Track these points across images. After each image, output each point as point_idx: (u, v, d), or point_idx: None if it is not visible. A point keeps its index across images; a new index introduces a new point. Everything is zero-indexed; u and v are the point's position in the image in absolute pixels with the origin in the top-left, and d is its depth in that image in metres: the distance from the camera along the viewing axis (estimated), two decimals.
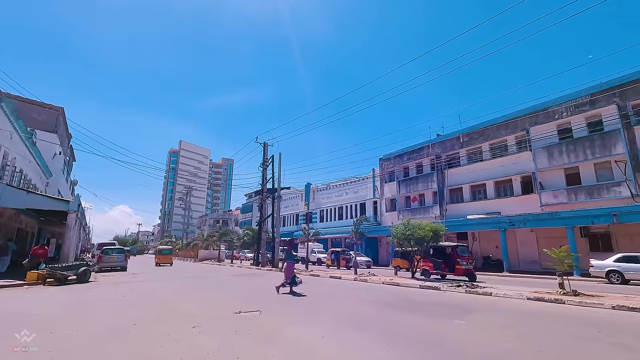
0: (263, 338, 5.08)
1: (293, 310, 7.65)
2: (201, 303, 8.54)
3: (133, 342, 4.75)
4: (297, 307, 8.11)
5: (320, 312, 7.32)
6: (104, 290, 10.89)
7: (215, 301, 8.90)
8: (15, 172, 18.91)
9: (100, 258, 20.22)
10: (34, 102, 29.17)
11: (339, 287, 12.09)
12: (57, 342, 4.67)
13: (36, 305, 7.93)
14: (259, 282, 14.50)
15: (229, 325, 5.86)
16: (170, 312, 7.08)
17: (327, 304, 8.45)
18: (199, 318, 6.48)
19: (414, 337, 5.14)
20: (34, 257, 13.43)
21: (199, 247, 39.81)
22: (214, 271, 21.17)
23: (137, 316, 6.57)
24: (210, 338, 5.02)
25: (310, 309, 7.83)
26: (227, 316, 6.70)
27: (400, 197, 33.15)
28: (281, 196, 24.71)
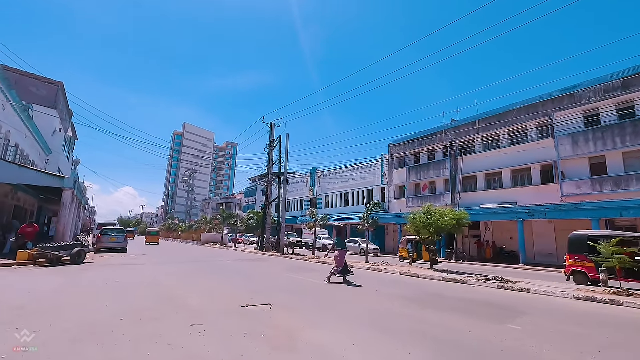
0: (279, 344, 4.00)
1: (306, 304, 6.59)
2: (203, 292, 7.50)
3: (113, 347, 3.68)
4: (309, 300, 7.05)
5: (339, 309, 6.24)
6: (97, 273, 9.91)
7: (218, 290, 7.86)
8: (9, 146, 17.84)
9: (100, 238, 19.36)
10: (32, 75, 27.85)
11: (353, 277, 11.03)
12: (12, 345, 3.64)
13: (10, 290, 6.92)
14: (264, 268, 13.52)
15: (235, 324, 4.80)
16: (167, 304, 6.03)
17: (345, 298, 7.38)
18: (199, 312, 5.42)
19: (470, 348, 4.04)
20: (22, 236, 12.46)
21: (202, 229, 39.06)
22: (217, 255, 20.27)
23: (127, 308, 5.52)
24: (213, 342, 3.95)
25: (326, 303, 6.76)
26: (233, 311, 5.64)
27: (410, 184, 31.90)
28: (288, 179, 23.53)
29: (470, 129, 27.93)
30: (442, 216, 12.32)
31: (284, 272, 12.04)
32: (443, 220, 12.14)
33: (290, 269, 13.40)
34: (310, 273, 11.97)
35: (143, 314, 5.18)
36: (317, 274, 11.89)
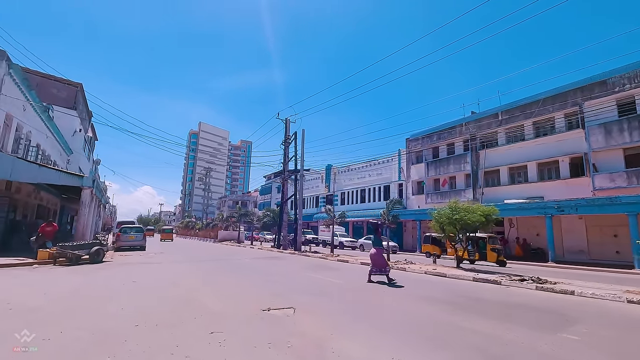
0: (307, 357, 3.55)
1: (331, 308, 6.11)
2: (221, 294, 7.14)
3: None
4: (334, 303, 6.57)
5: (368, 313, 5.74)
6: (114, 273, 9.73)
7: (237, 292, 7.49)
8: (30, 146, 18.07)
9: (119, 237, 19.46)
10: (52, 77, 28.35)
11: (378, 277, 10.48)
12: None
13: (26, 291, 6.72)
14: (283, 267, 13.14)
15: (258, 331, 4.37)
16: (185, 307, 5.67)
17: (372, 300, 6.87)
18: (219, 317, 5.03)
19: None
20: (42, 235, 12.47)
21: (218, 227, 39.24)
22: (234, 253, 20.09)
23: (143, 313, 5.18)
24: (235, 354, 3.52)
25: (353, 306, 6.26)
26: (254, 316, 5.22)
27: (428, 179, 30.95)
28: (304, 176, 23.11)
29: (492, 121, 26.77)
30: (469, 212, 11.58)
31: (303, 271, 11.61)
32: (470, 216, 11.40)
33: (309, 267, 12.97)
34: (331, 272, 11.50)
35: (159, 319, 4.81)
36: (337, 272, 11.41)
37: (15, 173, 13.77)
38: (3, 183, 15.49)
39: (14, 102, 15.06)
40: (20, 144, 16.95)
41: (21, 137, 16.93)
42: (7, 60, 13.92)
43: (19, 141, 16.84)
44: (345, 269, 12.62)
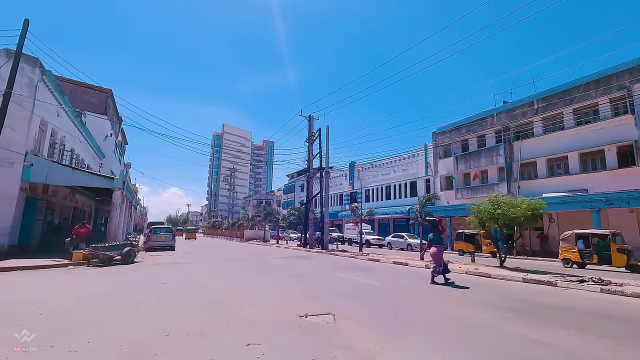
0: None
1: (374, 314, 5.53)
2: (253, 297, 6.71)
3: None
4: (376, 308, 5.98)
5: (418, 321, 5.11)
6: (145, 274, 9.60)
7: (269, 294, 7.05)
8: (64, 150, 18.60)
9: (149, 237, 19.74)
10: (84, 84, 29.36)
11: (415, 278, 9.80)
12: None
13: (58, 293, 6.57)
14: (312, 267, 12.66)
15: (298, 343, 3.87)
16: (217, 313, 5.28)
17: (419, 305, 6.23)
18: (253, 325, 4.57)
19: None
20: (76, 237, 12.64)
21: (244, 227, 39.50)
22: (261, 252, 19.88)
23: (174, 319, 4.81)
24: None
25: (399, 312, 5.64)
26: (292, 323, 4.73)
27: (458, 174, 29.58)
28: (329, 172, 22.59)
29: (527, 109, 25.09)
30: (513, 206, 10.60)
31: (335, 271, 11.08)
32: (515, 210, 10.43)
33: (339, 267, 12.42)
34: (363, 272, 10.89)
35: (191, 327, 4.41)
36: (370, 273, 10.79)
37: (50, 176, 14.12)
38: (40, 186, 15.97)
39: (48, 107, 15.45)
40: (55, 149, 17.44)
41: (56, 142, 17.42)
42: (40, 67, 14.25)
43: (54, 146, 17.33)
44: (378, 269, 11.97)
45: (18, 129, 13.56)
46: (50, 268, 10.47)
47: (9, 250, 12.80)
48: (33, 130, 14.26)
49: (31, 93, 13.91)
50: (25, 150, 13.62)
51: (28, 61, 13.97)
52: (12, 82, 11.95)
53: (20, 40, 12.12)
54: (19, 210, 13.58)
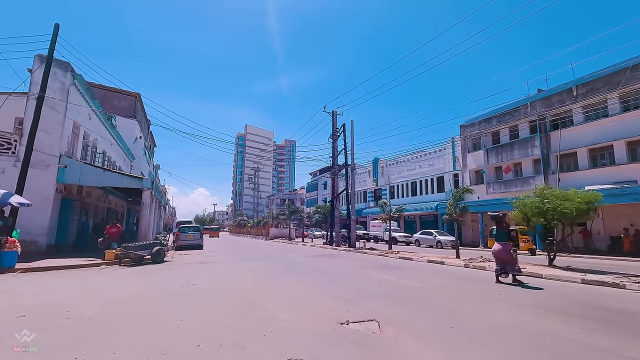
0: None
1: (424, 320, 4.88)
2: (286, 299, 6.23)
3: None
4: (424, 313, 5.33)
5: (475, 330, 4.42)
6: (174, 274, 9.38)
7: (302, 296, 6.55)
8: (96, 152, 19.02)
9: (178, 236, 19.88)
10: (114, 89, 30.19)
11: (456, 278, 9.01)
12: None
13: (88, 296, 6.35)
14: (342, 265, 12.08)
15: (344, 357, 3.31)
16: (250, 318, 4.82)
17: (471, 310, 5.51)
18: (292, 334, 4.06)
19: None
20: (108, 237, 12.71)
21: (269, 225, 39.52)
22: (287, 250, 19.54)
23: (204, 326, 4.38)
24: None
25: (451, 319, 4.96)
26: (333, 331, 4.18)
27: (489, 167, 28.02)
28: (355, 169, 21.90)
29: (565, 97, 23.26)
30: (565, 199, 9.52)
31: (366, 270, 10.45)
32: (568, 204, 9.35)
33: (371, 266, 11.77)
34: (397, 271, 10.19)
35: (224, 336, 3.96)
36: (404, 272, 10.07)
37: (83, 178, 14.34)
38: (75, 188, 16.34)
39: (80, 111, 15.74)
40: (88, 151, 17.84)
41: (88, 144, 17.81)
42: (72, 72, 14.49)
43: (87, 148, 17.73)
44: (412, 268, 11.22)
45: (52, 132, 13.84)
46: (84, 268, 10.51)
47: (47, 249, 13.10)
48: (66, 133, 14.54)
49: (63, 97, 14.16)
50: (59, 152, 13.89)
51: (60, 66, 14.23)
52: (44, 86, 12.13)
53: (52, 44, 12.28)
54: (55, 211, 13.88)
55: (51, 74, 13.98)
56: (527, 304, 5.84)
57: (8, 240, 9.48)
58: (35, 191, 13.27)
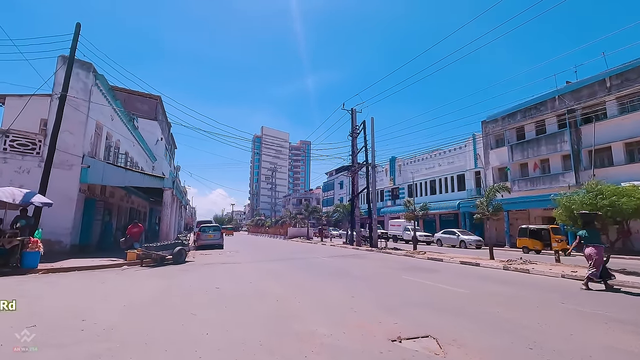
0: None
1: (489, 336, 4.03)
2: (321, 308, 5.48)
3: None
4: (483, 325, 4.46)
5: (562, 352, 3.54)
6: (196, 276, 8.80)
7: (339, 304, 5.79)
8: (119, 153, 18.87)
9: (199, 236, 19.51)
10: (135, 92, 30.37)
11: (503, 283, 8.05)
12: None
13: (107, 300, 5.79)
14: (370, 267, 11.26)
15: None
16: (284, 333, 4.10)
17: (548, 326, 4.62)
18: (338, 353, 3.31)
19: None
20: (129, 237, 12.32)
21: (287, 224, 38.98)
22: (309, 250, 18.81)
23: (233, 340, 3.69)
24: None
25: (530, 337, 4.09)
26: (387, 351, 3.41)
27: (513, 164, 26.51)
28: (375, 166, 20.99)
29: (598, 89, 21.63)
30: (623, 195, 8.37)
31: (398, 273, 9.59)
32: (626, 201, 8.20)
33: (401, 268, 10.89)
34: (431, 274, 9.29)
35: (254, 354, 3.24)
36: (439, 275, 9.16)
37: (106, 178, 14.06)
38: (98, 188, 16.16)
39: (103, 111, 15.53)
40: (111, 152, 17.67)
41: (111, 145, 17.64)
42: (94, 72, 14.24)
43: (110, 149, 17.56)
44: (446, 270, 10.28)
45: (75, 133, 13.60)
46: (106, 268, 10.10)
47: (70, 249, 12.85)
48: (89, 134, 14.31)
49: (86, 97, 13.92)
50: (82, 152, 13.65)
51: (82, 66, 14.01)
52: (66, 85, 11.84)
53: (73, 43, 11.99)
54: (78, 211, 13.64)
55: (73, 74, 13.76)
56: (619, 320, 4.89)
57: (30, 241, 9.14)
58: (59, 191, 13.06)
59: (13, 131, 12.66)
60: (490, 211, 13.74)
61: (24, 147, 12.70)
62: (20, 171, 12.52)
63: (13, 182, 11.81)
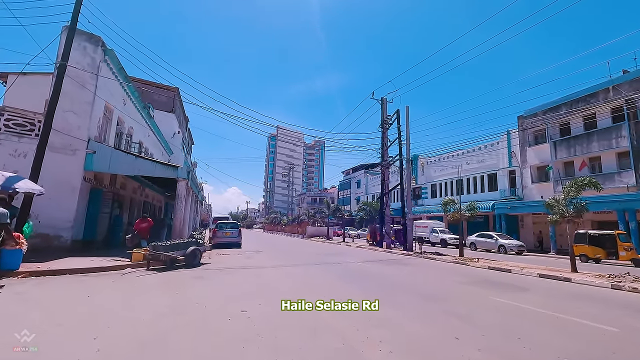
0: None
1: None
2: (398, 339, 3.13)
3: None
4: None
5: None
6: (213, 287, 6.61)
7: (424, 342, 3.41)
8: (132, 142, 16.99)
9: (215, 233, 17.45)
10: (153, 83, 28.74)
11: (637, 312, 5.54)
12: None
13: (76, 331, 3.59)
14: (432, 280, 8.84)
15: None
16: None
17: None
18: None
19: None
20: (137, 233, 10.27)
21: (305, 223, 36.67)
22: (336, 253, 16.29)
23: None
24: None
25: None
26: None
27: (556, 163, 23.52)
28: (410, 161, 18.48)
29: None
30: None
31: (476, 290, 7.15)
32: None
33: (470, 281, 8.37)
34: (525, 295, 6.79)
35: None
36: (537, 296, 6.66)
37: (113, 165, 12.09)
38: (107, 178, 14.27)
39: (113, 92, 13.61)
40: (123, 139, 15.79)
41: (123, 132, 15.75)
42: (103, 46, 12.29)
43: (121, 136, 15.68)
44: (535, 288, 7.74)
45: (80, 114, 11.68)
46: (105, 272, 8.04)
47: (72, 245, 10.91)
48: (97, 116, 12.38)
49: (93, 75, 11.99)
50: (87, 136, 11.72)
51: (90, 39, 12.08)
52: (67, 53, 9.88)
53: (76, 7, 10.02)
54: (82, 202, 11.72)
55: (80, 47, 11.90)
56: None
57: (11, 236, 7.12)
58: (60, 179, 11.17)
59: (9, 109, 10.80)
60: (573, 213, 11.10)
61: (21, 128, 10.82)
62: (16, 155, 10.64)
63: (7, 166, 9.92)
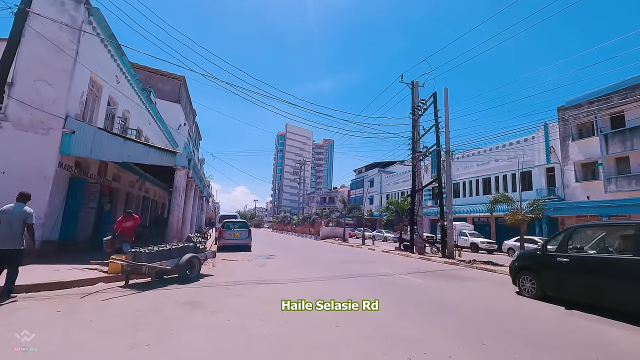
0: None
1: None
2: None
3: None
4: None
5: None
6: (215, 331, 4.03)
7: None
8: (127, 127, 14.58)
9: (221, 233, 14.95)
10: (158, 71, 26.55)
11: None
12: None
13: None
14: (510, 302, 6.13)
15: None
16: None
17: None
18: None
19: None
20: (119, 235, 7.77)
21: (318, 223, 33.99)
22: (362, 260, 13.36)
23: None
24: None
25: None
26: None
27: (607, 159, 20.51)
28: (450, 152, 15.73)
29: None
30: None
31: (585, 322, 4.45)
32: None
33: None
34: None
35: None
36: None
37: (97, 149, 9.63)
38: (95, 166, 11.88)
39: (101, 64, 11.17)
40: (115, 123, 13.39)
41: (115, 113, 13.36)
42: (86, 4, 9.87)
43: (113, 118, 13.28)
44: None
45: (55, 84, 9.26)
46: (64, 289, 5.57)
47: (41, 247, 8.46)
48: (79, 89, 9.95)
49: (74, 37, 9.56)
50: (65, 112, 9.31)
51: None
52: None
53: None
54: (57, 194, 9.30)
55: (58, 3, 9.55)
56: None
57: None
58: (30, 165, 8.78)
59: None
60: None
61: None
62: None
63: None
